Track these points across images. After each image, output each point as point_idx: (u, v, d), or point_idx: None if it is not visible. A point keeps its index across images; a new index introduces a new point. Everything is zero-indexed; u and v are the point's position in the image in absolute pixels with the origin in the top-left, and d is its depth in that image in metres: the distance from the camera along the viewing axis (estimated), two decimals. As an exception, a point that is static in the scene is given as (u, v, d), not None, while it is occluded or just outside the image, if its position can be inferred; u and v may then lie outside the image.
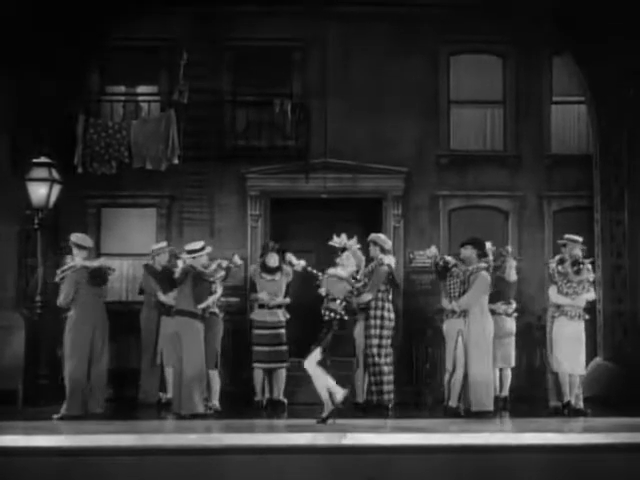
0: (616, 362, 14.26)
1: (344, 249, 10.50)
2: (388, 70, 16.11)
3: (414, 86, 16.13)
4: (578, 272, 11.27)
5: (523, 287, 13.83)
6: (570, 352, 11.16)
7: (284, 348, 12.17)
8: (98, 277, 11.06)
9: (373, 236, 11.83)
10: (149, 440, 8.77)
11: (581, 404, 11.22)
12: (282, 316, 12.26)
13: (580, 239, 11.58)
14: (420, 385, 13.43)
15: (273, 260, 12.31)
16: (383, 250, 11.65)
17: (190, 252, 11.14)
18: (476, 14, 15.74)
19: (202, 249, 11.17)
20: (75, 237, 11.21)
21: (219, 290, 11.41)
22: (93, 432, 9.38)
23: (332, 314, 10.19)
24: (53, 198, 13.50)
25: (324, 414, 10.05)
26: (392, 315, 11.56)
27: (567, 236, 11.63)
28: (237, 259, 11.77)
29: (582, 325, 11.28)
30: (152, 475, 8.32)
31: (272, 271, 12.29)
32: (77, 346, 10.86)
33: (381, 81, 16.09)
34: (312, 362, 10.08)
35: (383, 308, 11.45)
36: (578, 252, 11.42)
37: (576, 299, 11.22)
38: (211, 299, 11.21)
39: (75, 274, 11.00)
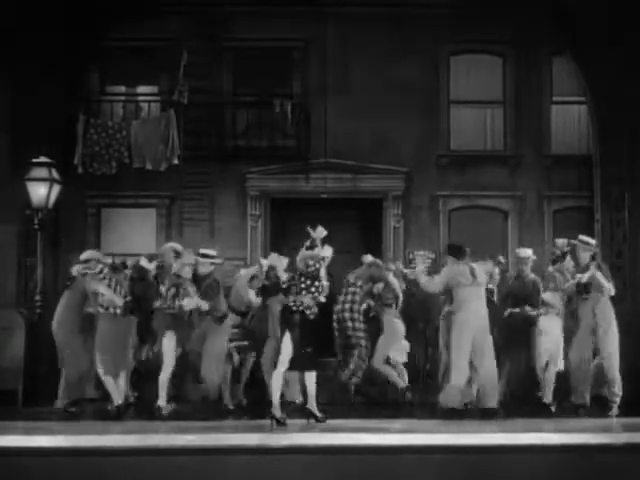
0: (616, 362, 14.21)
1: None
2: (388, 70, 16.11)
3: (414, 86, 16.12)
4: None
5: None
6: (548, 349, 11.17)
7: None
8: (68, 280, 10.98)
9: None
10: (149, 440, 8.76)
11: (581, 400, 11.05)
12: None
13: (593, 241, 11.23)
14: (420, 385, 13.40)
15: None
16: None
17: None
18: (476, 14, 15.75)
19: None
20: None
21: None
22: (93, 432, 9.38)
23: None
24: (53, 198, 13.50)
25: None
26: (334, 316, 11.20)
27: (581, 237, 11.31)
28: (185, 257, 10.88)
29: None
30: (152, 475, 8.30)
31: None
32: None
33: (381, 81, 16.09)
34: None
35: None
36: (556, 251, 11.45)
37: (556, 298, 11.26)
38: (185, 301, 10.63)
39: None
